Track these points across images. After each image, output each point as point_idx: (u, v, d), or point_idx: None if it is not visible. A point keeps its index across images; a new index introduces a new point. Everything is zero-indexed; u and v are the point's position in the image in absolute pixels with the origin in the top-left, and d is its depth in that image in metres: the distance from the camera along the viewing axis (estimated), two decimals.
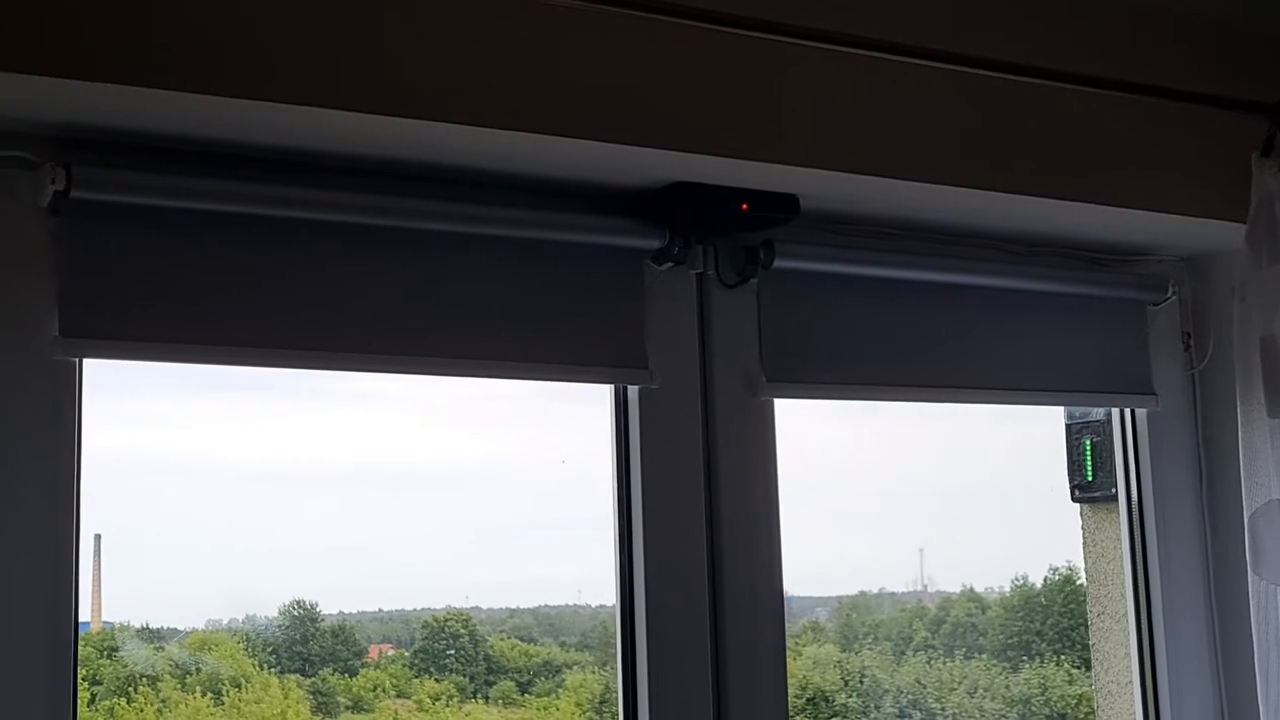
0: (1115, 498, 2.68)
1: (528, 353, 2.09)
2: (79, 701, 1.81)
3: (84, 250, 1.81)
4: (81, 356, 1.83)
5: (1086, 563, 2.91)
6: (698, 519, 2.20)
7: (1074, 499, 2.89)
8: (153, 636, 3.09)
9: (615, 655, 3.30)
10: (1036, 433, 2.95)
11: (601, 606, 3.44)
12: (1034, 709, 4.06)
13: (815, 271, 2.31)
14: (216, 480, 2.58)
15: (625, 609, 2.19)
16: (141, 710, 3.05)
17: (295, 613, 3.23)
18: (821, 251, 2.31)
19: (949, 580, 4.21)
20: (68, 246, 1.80)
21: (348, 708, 3.27)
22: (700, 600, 2.19)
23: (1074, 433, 2.90)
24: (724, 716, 2.18)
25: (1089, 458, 2.82)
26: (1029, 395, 2.56)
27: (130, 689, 3.04)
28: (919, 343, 2.41)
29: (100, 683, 2.97)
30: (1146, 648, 2.58)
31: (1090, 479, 2.82)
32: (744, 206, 2.16)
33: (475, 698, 3.38)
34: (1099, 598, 2.83)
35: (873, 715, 3.91)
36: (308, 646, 3.22)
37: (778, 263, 2.21)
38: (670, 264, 2.19)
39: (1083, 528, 2.90)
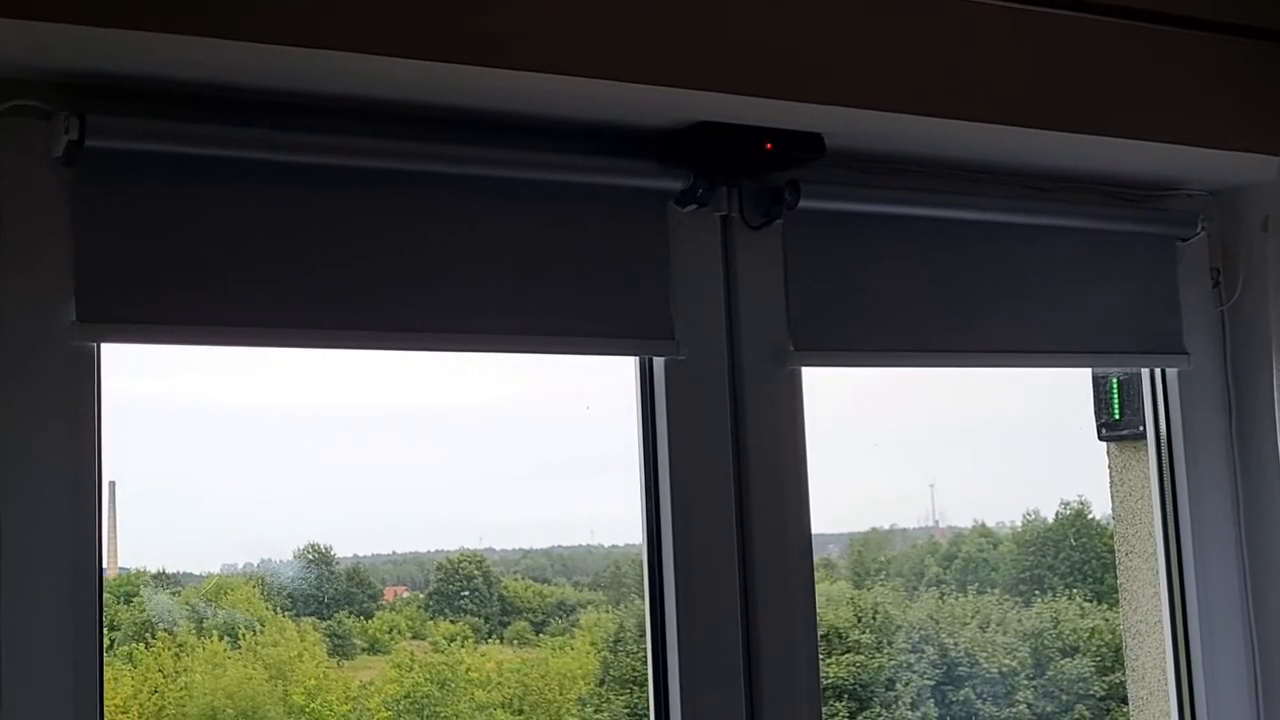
0: (1143, 436, 2.65)
1: (549, 325, 2.06)
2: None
3: (100, 202, 1.77)
4: (99, 341, 1.79)
5: (1114, 502, 2.90)
6: (725, 481, 2.18)
7: (1101, 437, 2.87)
8: (169, 582, 3.11)
9: (629, 595, 3.33)
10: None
11: (614, 546, 3.47)
12: (1046, 642, 4.09)
13: (841, 211, 2.27)
14: (230, 425, 2.57)
15: (652, 553, 2.17)
16: (159, 655, 3.07)
17: (310, 556, 3.24)
18: (847, 191, 2.27)
19: (960, 515, 4.23)
20: (83, 198, 1.76)
21: (364, 650, 3.30)
22: (729, 549, 2.18)
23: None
24: (754, 652, 2.17)
25: (1116, 396, 2.80)
26: (1061, 358, 2.53)
27: (148, 634, 3.06)
28: (947, 293, 2.36)
29: (118, 628, 2.99)
30: (1176, 587, 2.57)
31: (1117, 417, 2.80)
32: (768, 146, 2.12)
33: (490, 638, 3.41)
34: (1126, 537, 2.83)
35: (885, 651, 3.95)
36: (323, 590, 3.24)
37: (803, 203, 2.17)
38: (694, 206, 2.15)
39: (1109, 466, 2.89)
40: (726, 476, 2.17)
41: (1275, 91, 2.38)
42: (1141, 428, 2.66)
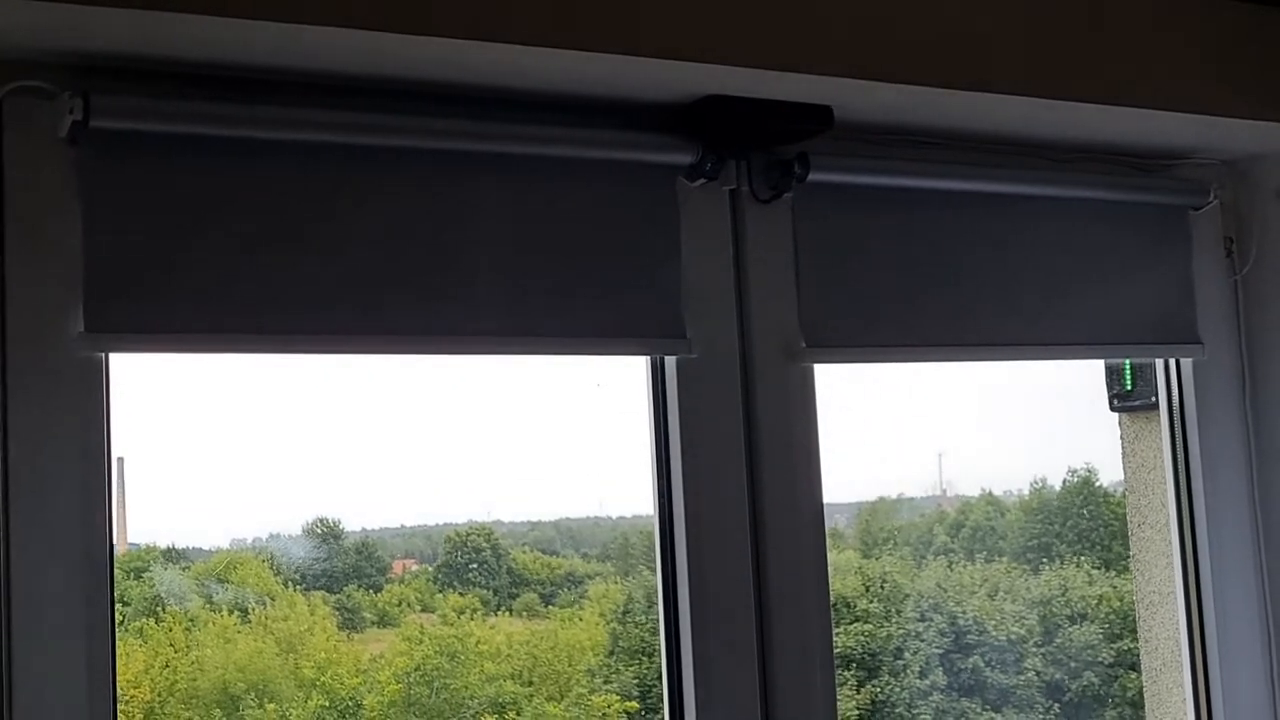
0: (1155, 406, 2.64)
1: (559, 327, 2.04)
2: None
3: (107, 184, 1.75)
4: (108, 351, 1.78)
5: (1126, 472, 2.89)
6: (738, 470, 2.17)
7: (1113, 408, 2.86)
8: (178, 557, 3.11)
9: (637, 566, 3.33)
10: None
11: (622, 518, 3.47)
12: (1054, 609, 4.11)
13: (851, 184, 2.25)
14: (238, 400, 2.57)
15: (664, 535, 2.17)
16: (170, 629, 3.08)
17: (318, 530, 3.25)
18: (857, 163, 2.25)
19: (968, 484, 4.24)
20: (89, 180, 1.74)
21: (373, 623, 3.31)
22: (742, 536, 2.17)
23: None
24: (766, 619, 2.17)
25: (1128, 367, 2.79)
26: (1077, 350, 2.51)
27: (158, 609, 3.07)
28: (958, 276, 2.34)
29: (129, 603, 3.00)
30: (1190, 558, 2.57)
31: (1129, 388, 2.79)
32: (777, 119, 2.10)
33: (499, 610, 3.42)
34: (1139, 508, 2.82)
35: (894, 620, 3.96)
36: (332, 563, 3.25)
37: (812, 175, 2.15)
38: (703, 180, 2.14)
39: (1121, 437, 2.88)
40: (739, 466, 2.16)
41: None
42: (1153, 398, 2.65)
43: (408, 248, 1.94)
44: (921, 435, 3.57)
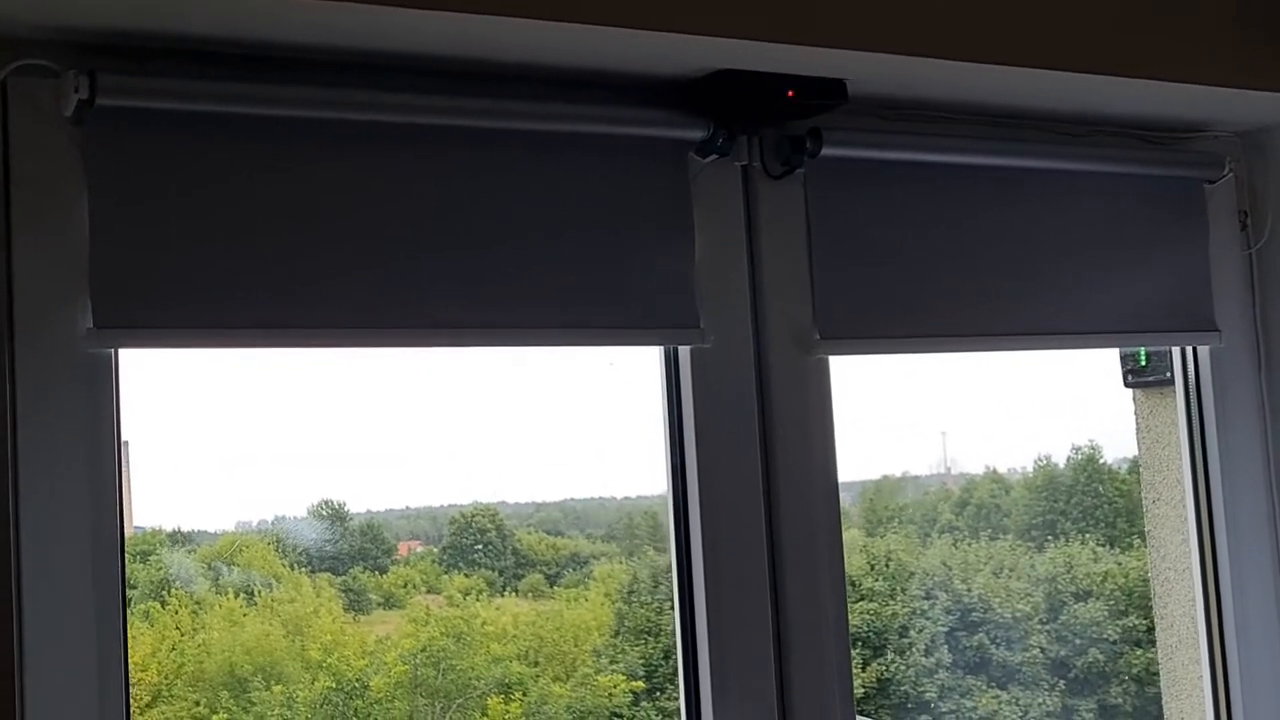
0: (1170, 382, 2.63)
1: (569, 317, 2.01)
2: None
3: (113, 164, 1.73)
4: (117, 347, 1.76)
5: (1140, 449, 2.89)
6: (752, 458, 2.15)
7: (1127, 384, 2.85)
8: (185, 540, 3.11)
9: (642, 546, 3.33)
10: None
11: (626, 498, 3.47)
12: (1060, 587, 4.12)
13: (864, 159, 2.23)
14: (242, 383, 2.56)
15: (679, 522, 2.16)
16: (177, 612, 3.09)
17: (324, 512, 3.25)
18: (870, 138, 2.22)
19: (972, 462, 4.24)
20: (94, 159, 1.72)
21: (379, 604, 3.31)
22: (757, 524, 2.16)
23: None
24: (781, 602, 2.15)
25: None
26: (1093, 339, 2.48)
27: (165, 592, 3.07)
28: (972, 257, 2.31)
29: (135, 586, 3.00)
30: (1206, 534, 2.55)
31: (1144, 364, 2.78)
32: (789, 94, 2.08)
33: (504, 591, 3.43)
34: (1154, 484, 2.81)
35: (899, 598, 3.97)
36: (338, 545, 3.25)
37: (826, 150, 2.13)
38: (714, 156, 2.12)
39: (1136, 413, 2.87)
40: (753, 454, 2.15)
41: None
42: (1168, 374, 2.64)
43: (415, 233, 1.91)
44: (925, 413, 3.57)
